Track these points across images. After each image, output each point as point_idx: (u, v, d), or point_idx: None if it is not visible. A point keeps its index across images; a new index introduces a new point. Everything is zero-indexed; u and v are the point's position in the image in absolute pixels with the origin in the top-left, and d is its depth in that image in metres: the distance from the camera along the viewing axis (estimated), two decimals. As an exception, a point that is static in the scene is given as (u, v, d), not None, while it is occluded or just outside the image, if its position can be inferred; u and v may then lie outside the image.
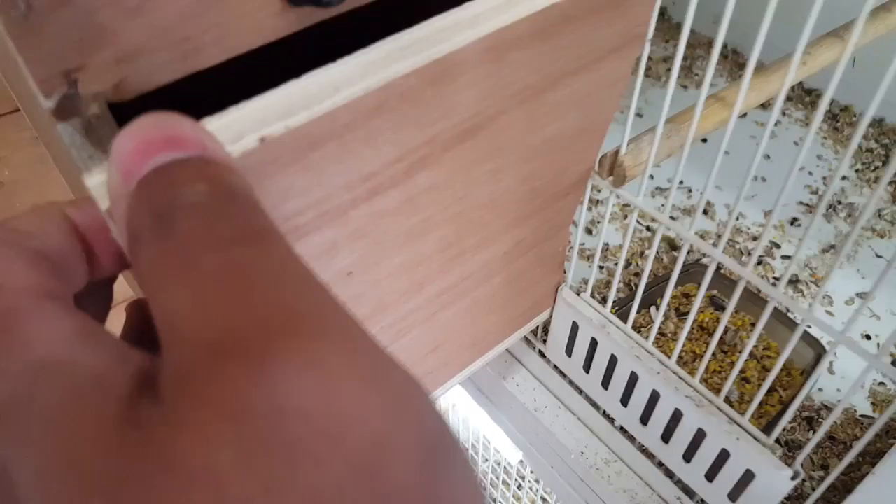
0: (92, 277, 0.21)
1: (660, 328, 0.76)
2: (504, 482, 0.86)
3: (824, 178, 0.99)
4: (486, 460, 0.87)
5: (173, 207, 0.16)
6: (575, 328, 0.62)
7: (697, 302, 0.51)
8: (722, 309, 0.74)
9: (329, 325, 0.15)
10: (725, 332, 0.73)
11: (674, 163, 0.48)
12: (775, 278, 0.85)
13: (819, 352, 0.64)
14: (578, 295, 0.61)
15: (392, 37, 0.25)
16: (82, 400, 0.15)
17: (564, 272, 0.61)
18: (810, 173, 1.00)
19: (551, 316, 0.64)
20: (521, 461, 0.74)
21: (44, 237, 0.19)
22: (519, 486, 0.87)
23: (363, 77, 0.24)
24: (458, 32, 0.26)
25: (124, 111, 0.26)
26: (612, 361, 0.59)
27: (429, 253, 0.42)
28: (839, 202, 0.96)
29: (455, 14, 0.26)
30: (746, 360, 0.69)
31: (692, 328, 0.76)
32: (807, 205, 0.96)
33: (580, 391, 0.67)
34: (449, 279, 0.47)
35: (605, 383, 0.61)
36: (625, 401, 0.60)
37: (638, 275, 0.87)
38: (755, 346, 0.71)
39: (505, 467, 0.83)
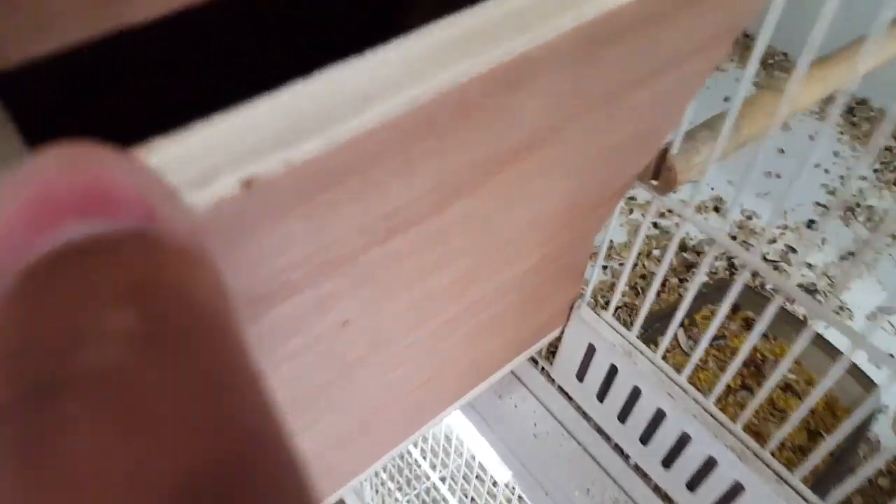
0: None
1: (683, 350, 0.69)
2: (489, 494, 0.78)
3: (841, 176, 0.92)
4: (466, 459, 0.80)
5: (69, 378, 0.08)
6: (591, 350, 0.54)
7: (749, 343, 0.43)
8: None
9: None
10: (764, 362, 0.66)
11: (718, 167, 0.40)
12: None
13: (866, 388, 0.57)
14: (598, 315, 0.53)
15: (446, 21, 0.16)
16: None
17: (584, 286, 0.53)
18: (826, 171, 0.93)
19: (562, 333, 0.56)
20: (509, 484, 0.67)
21: None
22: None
23: (405, 83, 0.15)
24: (544, 19, 0.17)
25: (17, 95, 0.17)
26: (635, 393, 0.52)
27: (445, 285, 0.33)
28: (857, 205, 0.89)
29: (539, -11, 0.17)
30: (788, 397, 0.62)
31: (722, 353, 0.69)
32: (823, 206, 0.89)
33: (589, 419, 0.59)
34: (460, 306, 0.39)
35: (623, 417, 0.54)
36: (645, 439, 0.53)
37: (644, 277, 0.79)
38: (795, 381, 0.64)
39: (489, 488, 0.76)
